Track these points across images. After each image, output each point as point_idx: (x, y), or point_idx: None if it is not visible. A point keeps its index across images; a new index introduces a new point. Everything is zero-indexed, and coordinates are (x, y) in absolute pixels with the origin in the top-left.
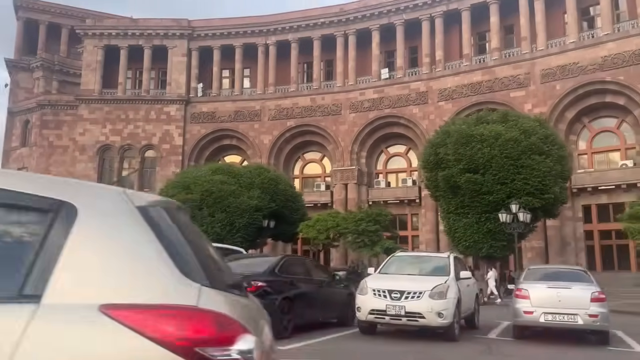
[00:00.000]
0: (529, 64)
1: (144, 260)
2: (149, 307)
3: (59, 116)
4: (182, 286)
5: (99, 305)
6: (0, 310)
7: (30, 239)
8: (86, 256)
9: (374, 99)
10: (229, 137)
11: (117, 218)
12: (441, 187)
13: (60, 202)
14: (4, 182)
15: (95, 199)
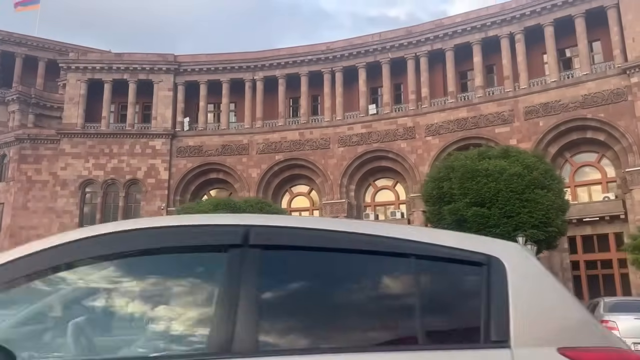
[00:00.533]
0: (513, 101)
1: (568, 306)
2: (598, 349)
3: (39, 150)
4: (602, 329)
5: (557, 348)
6: (483, 354)
7: (475, 290)
8: (528, 305)
9: (362, 134)
10: (215, 171)
11: (534, 270)
12: (447, 220)
13: (489, 256)
14: (440, 238)
15: (510, 253)
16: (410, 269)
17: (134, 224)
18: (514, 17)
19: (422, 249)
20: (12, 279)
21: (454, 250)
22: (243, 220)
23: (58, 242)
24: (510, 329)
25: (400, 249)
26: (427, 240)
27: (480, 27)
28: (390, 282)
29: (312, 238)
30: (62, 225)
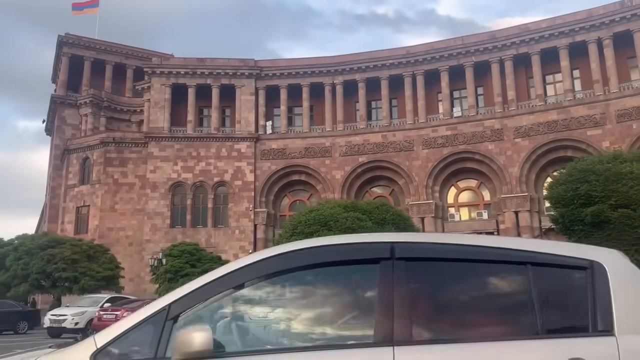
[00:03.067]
0: (604, 104)
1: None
2: None
3: (124, 154)
4: None
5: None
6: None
7: (582, 289)
8: (627, 299)
9: (448, 136)
10: (297, 173)
11: (632, 271)
12: (586, 221)
13: (591, 261)
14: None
15: (612, 258)
16: (526, 274)
17: (311, 243)
18: (602, 22)
19: (536, 258)
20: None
21: (562, 257)
22: (389, 238)
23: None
24: (614, 320)
25: (518, 258)
26: (539, 249)
27: (567, 32)
28: (511, 284)
29: (445, 251)
30: (154, 226)
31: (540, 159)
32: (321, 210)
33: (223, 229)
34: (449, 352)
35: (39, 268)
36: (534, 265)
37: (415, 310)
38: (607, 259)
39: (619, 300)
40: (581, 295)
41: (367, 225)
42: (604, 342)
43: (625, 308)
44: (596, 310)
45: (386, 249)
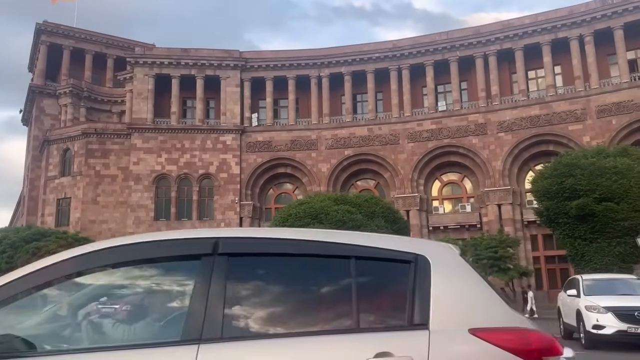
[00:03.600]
0: (585, 100)
1: (484, 294)
2: (503, 329)
3: (105, 145)
4: (512, 313)
5: (468, 329)
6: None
7: (404, 283)
8: (448, 293)
9: (432, 130)
10: (283, 166)
11: (456, 265)
12: (571, 214)
13: (417, 255)
14: (379, 242)
15: (437, 251)
16: (350, 268)
17: (132, 239)
18: (584, 20)
19: (361, 251)
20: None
21: (388, 251)
22: (213, 234)
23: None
24: (430, 314)
25: (342, 252)
26: (365, 243)
27: (550, 29)
28: (333, 278)
29: (269, 246)
30: (138, 219)
31: (523, 153)
32: (311, 203)
33: (208, 221)
34: (254, 347)
35: (25, 261)
36: (358, 259)
37: (231, 307)
38: (434, 253)
39: (439, 295)
40: (402, 289)
41: (357, 217)
42: (416, 336)
43: (445, 302)
44: (414, 304)
45: (209, 244)
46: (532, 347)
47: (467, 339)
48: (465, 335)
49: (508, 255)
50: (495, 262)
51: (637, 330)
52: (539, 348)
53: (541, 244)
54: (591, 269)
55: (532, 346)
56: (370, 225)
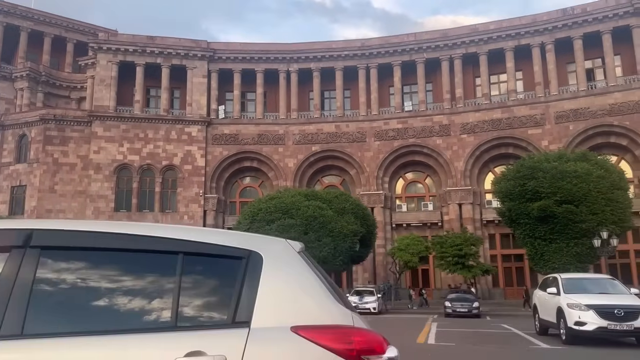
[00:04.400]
0: (544, 105)
1: (314, 292)
2: (325, 327)
3: (65, 132)
4: (341, 311)
5: (290, 326)
6: (222, 333)
7: (233, 280)
8: (275, 291)
9: (399, 129)
10: (249, 160)
11: (290, 262)
12: (532, 215)
13: (249, 251)
14: (210, 237)
15: (272, 248)
16: (177, 264)
17: None
18: (545, 28)
19: (192, 247)
20: None
21: (221, 247)
22: (29, 225)
23: None
24: (254, 312)
25: (170, 247)
26: (197, 239)
27: (514, 35)
28: (156, 274)
29: (87, 239)
30: (97, 209)
31: (484, 155)
32: (282, 198)
33: (171, 214)
34: (56, 345)
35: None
36: (187, 255)
37: (37, 302)
38: (269, 250)
39: (266, 292)
40: (230, 286)
41: (327, 213)
42: (234, 334)
43: (272, 300)
44: (240, 301)
45: (21, 236)
46: (352, 346)
47: (287, 337)
48: (286, 333)
49: (472, 253)
50: (460, 260)
51: (616, 327)
52: (359, 347)
53: (499, 243)
54: (549, 269)
55: (353, 345)
56: (340, 222)
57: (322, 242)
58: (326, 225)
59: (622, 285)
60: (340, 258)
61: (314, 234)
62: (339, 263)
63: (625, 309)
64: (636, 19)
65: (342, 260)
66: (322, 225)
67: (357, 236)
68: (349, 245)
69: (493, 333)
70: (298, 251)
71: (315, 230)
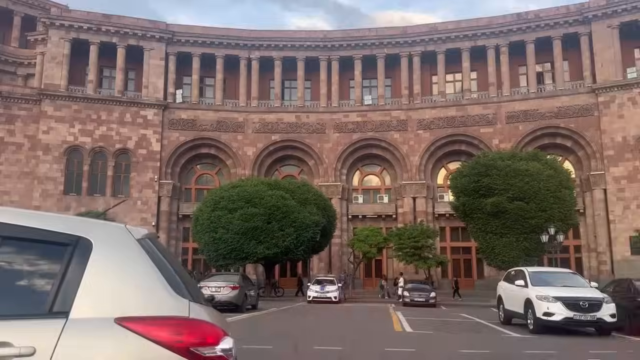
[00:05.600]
0: (496, 105)
1: (147, 282)
2: (153, 318)
3: (11, 110)
4: (176, 301)
5: (115, 318)
6: (34, 323)
7: (56, 267)
8: (102, 280)
9: (358, 122)
10: (207, 146)
11: (123, 249)
12: (485, 210)
13: (78, 237)
14: (33, 221)
15: (105, 234)
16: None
17: None
18: (501, 31)
19: (12, 230)
20: None
21: (43, 232)
22: None
23: None
24: (75, 302)
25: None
26: (15, 222)
27: (470, 36)
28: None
29: None
30: (45, 192)
31: (438, 151)
32: (245, 186)
33: (124, 198)
34: None
35: None
36: (5, 239)
37: None
38: (101, 236)
39: (92, 281)
40: (50, 274)
41: (290, 203)
42: (48, 325)
43: (97, 289)
44: (60, 290)
45: None
46: (182, 338)
47: (109, 328)
48: (109, 324)
49: (428, 245)
50: (417, 252)
51: (581, 317)
52: (189, 339)
53: (448, 236)
54: (500, 262)
55: (182, 337)
56: (302, 212)
57: (285, 232)
58: (289, 215)
59: (583, 279)
60: (302, 248)
61: (277, 223)
62: (301, 253)
63: (589, 301)
64: (584, 27)
65: (304, 250)
66: (285, 215)
67: (318, 227)
68: (310, 235)
69: (460, 322)
70: (139, 238)
71: (278, 220)
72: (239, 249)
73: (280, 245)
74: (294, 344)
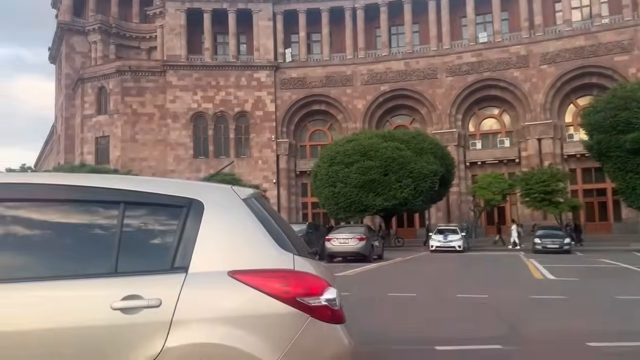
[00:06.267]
0: (632, 30)
1: (254, 238)
2: (262, 271)
3: (140, 82)
4: (282, 255)
5: (227, 271)
6: (159, 278)
7: (173, 227)
8: (214, 237)
9: (472, 63)
10: (318, 103)
11: (231, 209)
12: (624, 148)
13: (191, 199)
14: (151, 187)
15: (214, 196)
16: (117, 213)
17: None
18: None
19: (131, 196)
20: None
21: (160, 196)
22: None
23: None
24: (192, 258)
25: (111, 196)
26: (137, 188)
27: None
28: (97, 223)
29: (30, 191)
30: (177, 157)
31: (565, 86)
32: (359, 140)
33: (246, 159)
34: (8, 289)
35: None
36: (127, 204)
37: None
38: (211, 197)
39: (205, 239)
40: (170, 234)
41: (406, 154)
42: (171, 279)
43: (211, 246)
44: (179, 248)
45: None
46: (288, 289)
47: (224, 281)
48: (223, 277)
49: (559, 189)
50: (546, 196)
51: None
52: (295, 290)
53: (580, 178)
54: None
55: (289, 287)
56: (419, 162)
57: (402, 184)
58: (406, 166)
59: None
60: (420, 198)
61: (393, 175)
62: (419, 203)
63: None
64: None
65: (422, 200)
66: (401, 167)
67: (437, 176)
68: (429, 185)
69: (604, 268)
70: (244, 198)
71: (395, 172)
72: (358, 201)
73: (398, 197)
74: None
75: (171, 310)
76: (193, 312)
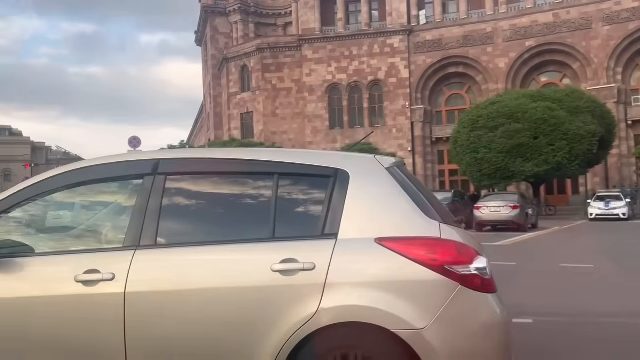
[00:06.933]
0: None
1: (399, 206)
2: (407, 238)
3: (278, 59)
4: (427, 223)
5: (375, 238)
6: (312, 243)
7: (322, 196)
8: (361, 205)
9: (635, 8)
10: (454, 65)
11: (375, 177)
12: None
13: (337, 169)
14: (300, 158)
15: (358, 165)
16: (272, 183)
17: (94, 162)
18: None
19: (284, 167)
20: (28, 197)
21: (308, 167)
22: (156, 156)
23: (56, 172)
24: (341, 225)
25: (267, 168)
26: (288, 160)
27: None
28: (256, 193)
29: (200, 165)
30: (314, 129)
31: None
32: (504, 101)
33: (380, 128)
34: (179, 252)
35: None
36: (281, 175)
37: (164, 219)
38: (355, 167)
39: (352, 206)
40: (319, 202)
41: (559, 114)
42: (323, 245)
43: (357, 213)
44: (328, 215)
45: (150, 165)
46: (436, 257)
47: (372, 247)
48: (370, 244)
49: None
50: None
51: None
52: (443, 258)
53: None
54: None
55: (436, 255)
56: (575, 122)
57: (555, 147)
58: (559, 127)
59: None
60: (576, 162)
61: (544, 138)
62: (576, 168)
63: None
64: None
65: (579, 164)
66: (554, 128)
67: (595, 137)
68: (586, 148)
69: None
70: (388, 167)
71: (546, 134)
72: (505, 168)
73: (550, 162)
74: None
75: (324, 274)
76: (344, 276)
